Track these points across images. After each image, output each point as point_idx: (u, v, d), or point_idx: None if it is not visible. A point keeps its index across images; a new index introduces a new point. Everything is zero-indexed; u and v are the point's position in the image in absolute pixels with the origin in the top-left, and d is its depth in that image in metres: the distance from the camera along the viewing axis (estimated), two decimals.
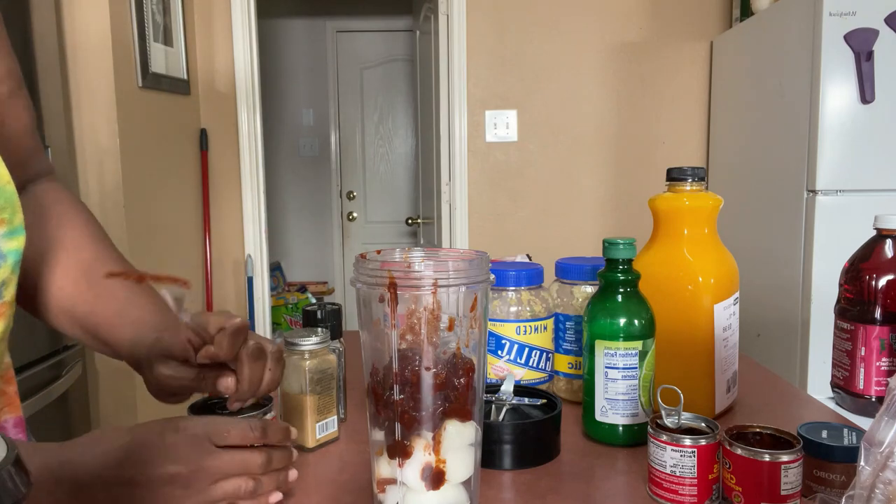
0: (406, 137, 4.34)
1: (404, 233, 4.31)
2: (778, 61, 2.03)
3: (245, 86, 2.59)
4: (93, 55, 1.97)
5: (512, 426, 0.73)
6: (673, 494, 0.63)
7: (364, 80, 4.30)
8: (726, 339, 0.84)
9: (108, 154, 2.01)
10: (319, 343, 0.76)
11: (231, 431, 0.57)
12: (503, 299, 0.90)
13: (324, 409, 0.77)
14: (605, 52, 2.64)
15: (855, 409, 0.88)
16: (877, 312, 0.85)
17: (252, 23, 2.58)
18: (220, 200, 2.64)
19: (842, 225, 1.79)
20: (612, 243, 0.76)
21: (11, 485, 0.26)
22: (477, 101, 2.66)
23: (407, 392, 0.55)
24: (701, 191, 0.84)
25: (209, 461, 0.55)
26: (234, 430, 0.57)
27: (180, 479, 0.54)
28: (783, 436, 0.62)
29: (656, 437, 0.64)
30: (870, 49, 1.76)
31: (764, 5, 2.20)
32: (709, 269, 0.82)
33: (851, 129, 1.79)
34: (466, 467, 0.57)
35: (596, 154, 2.69)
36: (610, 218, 2.71)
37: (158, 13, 2.26)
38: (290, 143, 4.29)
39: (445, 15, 2.62)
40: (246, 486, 0.57)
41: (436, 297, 0.54)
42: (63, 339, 1.69)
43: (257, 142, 2.64)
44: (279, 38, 4.21)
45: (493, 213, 2.71)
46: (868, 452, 0.43)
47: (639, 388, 0.75)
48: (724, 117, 2.52)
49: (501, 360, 0.90)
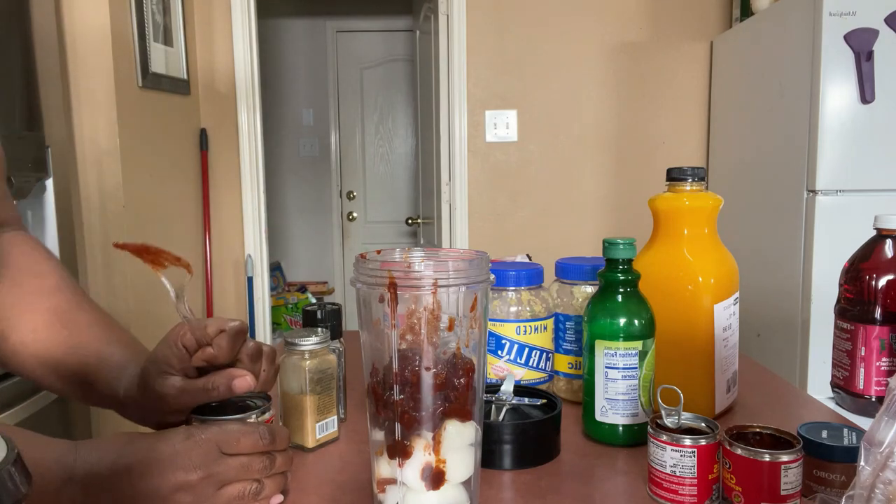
0: (406, 137, 4.34)
1: (404, 233, 4.31)
2: (778, 61, 2.03)
3: (245, 86, 2.59)
4: (93, 55, 1.97)
5: (512, 426, 0.73)
6: (673, 494, 0.63)
7: (364, 80, 4.30)
8: (726, 339, 0.84)
9: (108, 154, 2.01)
10: (319, 343, 0.76)
11: (241, 440, 0.57)
12: (503, 299, 0.90)
13: (324, 409, 0.77)
14: (605, 52, 2.64)
15: (855, 409, 0.88)
16: (877, 312, 0.85)
17: (252, 23, 2.58)
18: (220, 200, 2.64)
19: (842, 225, 1.79)
20: (612, 243, 0.75)
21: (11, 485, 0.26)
22: (477, 101, 2.66)
23: (407, 392, 0.55)
24: (701, 191, 0.84)
25: (216, 468, 0.55)
26: (245, 439, 0.58)
27: (189, 486, 0.54)
28: (783, 436, 0.62)
29: (656, 437, 0.64)
30: (870, 49, 1.76)
31: (764, 5, 2.20)
32: (709, 269, 0.82)
33: (851, 129, 1.79)
34: (466, 467, 0.57)
35: (596, 154, 2.69)
36: (610, 218, 2.70)
37: (158, 13, 2.26)
38: (290, 143, 4.29)
39: (445, 15, 2.62)
40: (250, 489, 0.57)
41: (436, 297, 0.54)
42: None
43: (257, 142, 2.64)
44: (279, 38, 4.21)
45: (493, 213, 2.71)
46: (868, 452, 0.43)
47: (639, 388, 0.75)
48: (724, 117, 2.52)
49: (501, 360, 0.90)
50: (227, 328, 0.61)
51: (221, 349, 0.61)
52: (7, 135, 1.45)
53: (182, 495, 0.54)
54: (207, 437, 0.56)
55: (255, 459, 0.58)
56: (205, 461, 0.55)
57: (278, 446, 0.60)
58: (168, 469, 0.54)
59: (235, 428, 0.58)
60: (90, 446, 0.55)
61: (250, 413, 0.64)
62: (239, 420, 0.62)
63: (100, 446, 0.55)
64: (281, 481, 0.61)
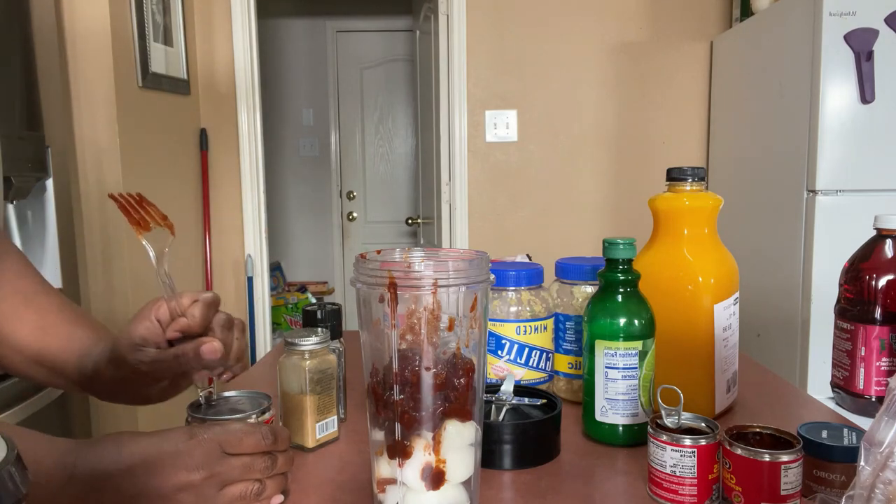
0: (406, 137, 4.34)
1: (404, 233, 4.31)
2: (778, 61, 2.03)
3: (245, 86, 2.59)
4: (93, 55, 1.97)
5: (512, 426, 0.73)
6: (673, 494, 0.63)
7: (364, 80, 4.30)
8: (726, 339, 0.84)
9: (108, 154, 2.01)
10: (319, 343, 0.76)
11: (244, 440, 0.58)
12: (503, 299, 0.90)
13: (324, 409, 0.77)
14: (605, 52, 2.64)
15: (855, 409, 0.88)
16: (877, 312, 0.85)
17: (252, 23, 2.58)
18: (220, 200, 2.64)
19: (842, 225, 1.79)
20: (612, 243, 0.76)
21: (11, 485, 0.26)
22: (477, 101, 2.66)
23: (407, 392, 0.55)
24: (701, 191, 0.84)
25: (219, 468, 0.56)
26: (248, 439, 0.58)
27: (192, 486, 0.54)
28: (783, 436, 0.62)
29: (656, 437, 0.64)
30: (870, 49, 1.76)
31: (764, 5, 2.20)
32: (709, 269, 0.82)
33: (851, 129, 1.79)
34: (466, 467, 0.57)
35: (596, 154, 2.69)
36: (610, 218, 2.70)
37: (158, 13, 2.26)
38: (290, 143, 4.29)
39: (445, 15, 2.62)
40: (252, 490, 0.58)
41: (436, 297, 0.54)
42: None
43: (257, 142, 2.64)
44: (279, 38, 4.21)
45: (493, 213, 2.71)
46: (868, 452, 0.43)
47: (639, 388, 0.75)
48: (724, 117, 2.52)
49: (501, 360, 0.90)
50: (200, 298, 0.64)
51: (195, 318, 0.64)
52: (7, 135, 1.45)
53: (184, 495, 0.54)
54: (210, 437, 0.56)
55: (257, 459, 0.58)
56: (207, 461, 0.55)
57: (280, 446, 0.60)
58: (171, 469, 0.54)
59: (238, 428, 0.58)
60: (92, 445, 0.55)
61: (250, 413, 0.64)
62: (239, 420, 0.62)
63: (101, 445, 0.55)
64: (282, 482, 0.62)
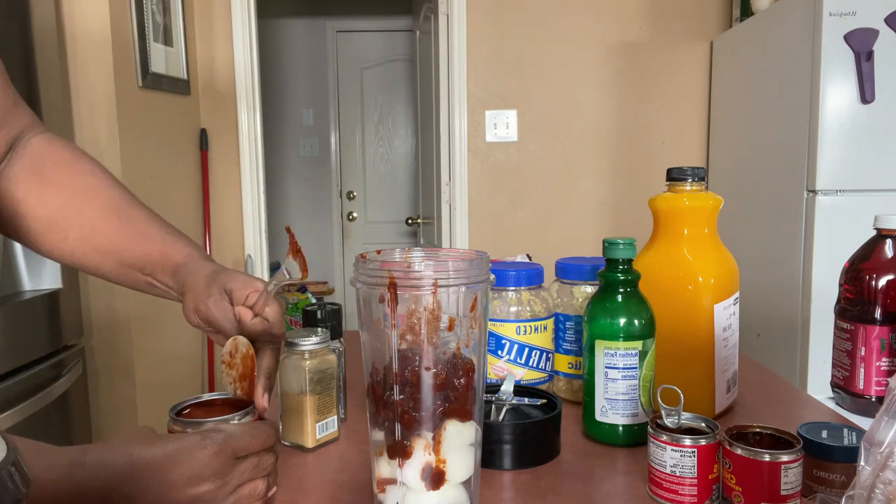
0: (406, 137, 4.34)
1: (404, 233, 4.31)
2: (778, 61, 2.03)
3: (245, 86, 2.59)
4: (93, 55, 1.97)
5: (512, 426, 0.73)
6: (673, 494, 0.63)
7: (364, 80, 4.30)
8: (726, 339, 0.84)
9: (108, 154, 2.01)
10: (319, 343, 0.76)
11: (253, 443, 0.58)
12: (503, 299, 0.90)
13: (324, 409, 0.77)
14: (605, 52, 2.64)
15: (855, 409, 0.88)
16: (877, 312, 0.85)
17: (252, 23, 2.58)
18: (220, 200, 2.64)
19: (842, 225, 1.79)
20: (612, 243, 0.76)
21: (11, 485, 0.26)
22: (477, 101, 2.66)
23: (407, 392, 0.55)
24: (701, 191, 0.84)
25: (233, 473, 0.56)
26: (255, 439, 0.58)
27: (208, 496, 0.54)
28: (783, 436, 0.62)
29: (656, 437, 0.64)
30: (870, 49, 1.76)
31: (764, 5, 2.20)
32: (709, 269, 0.82)
33: (851, 129, 1.79)
34: (466, 467, 0.57)
35: (596, 154, 2.69)
36: (610, 218, 2.70)
37: (158, 13, 2.26)
38: (290, 143, 4.29)
39: (445, 15, 2.62)
40: (261, 487, 0.58)
41: (436, 297, 0.54)
42: (63, 338, 1.69)
43: (257, 142, 2.64)
44: (279, 38, 4.21)
45: (493, 213, 2.71)
46: (868, 452, 0.43)
47: (639, 388, 0.75)
48: (724, 117, 2.52)
49: (501, 360, 0.90)
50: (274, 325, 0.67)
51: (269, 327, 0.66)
52: None
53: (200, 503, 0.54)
54: (222, 448, 0.55)
55: (264, 457, 0.59)
56: (222, 470, 0.55)
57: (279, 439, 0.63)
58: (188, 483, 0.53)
59: (243, 430, 0.58)
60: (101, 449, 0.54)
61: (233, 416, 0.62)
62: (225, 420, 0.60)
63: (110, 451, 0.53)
64: (276, 474, 0.63)
